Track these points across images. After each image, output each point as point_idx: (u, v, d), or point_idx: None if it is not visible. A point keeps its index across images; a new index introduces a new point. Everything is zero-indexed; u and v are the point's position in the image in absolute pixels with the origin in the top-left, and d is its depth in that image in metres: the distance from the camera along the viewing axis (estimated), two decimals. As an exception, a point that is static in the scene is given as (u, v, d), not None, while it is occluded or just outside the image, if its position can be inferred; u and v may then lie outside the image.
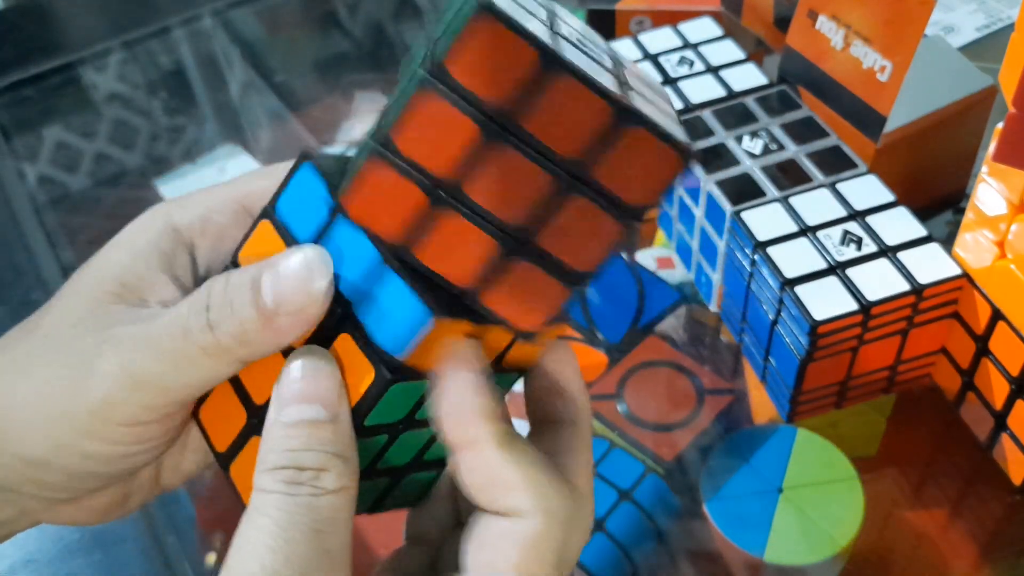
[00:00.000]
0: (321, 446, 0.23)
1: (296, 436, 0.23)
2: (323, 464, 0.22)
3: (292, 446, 0.22)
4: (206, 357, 0.24)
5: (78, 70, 0.74)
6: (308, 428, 0.23)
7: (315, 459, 0.22)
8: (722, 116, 0.47)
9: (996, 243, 0.39)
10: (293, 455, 0.22)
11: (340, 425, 0.23)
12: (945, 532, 0.41)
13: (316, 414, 0.23)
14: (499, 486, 0.23)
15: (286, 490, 0.22)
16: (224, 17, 0.78)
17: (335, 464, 0.23)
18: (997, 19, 0.66)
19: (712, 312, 0.48)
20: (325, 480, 0.22)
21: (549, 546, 0.23)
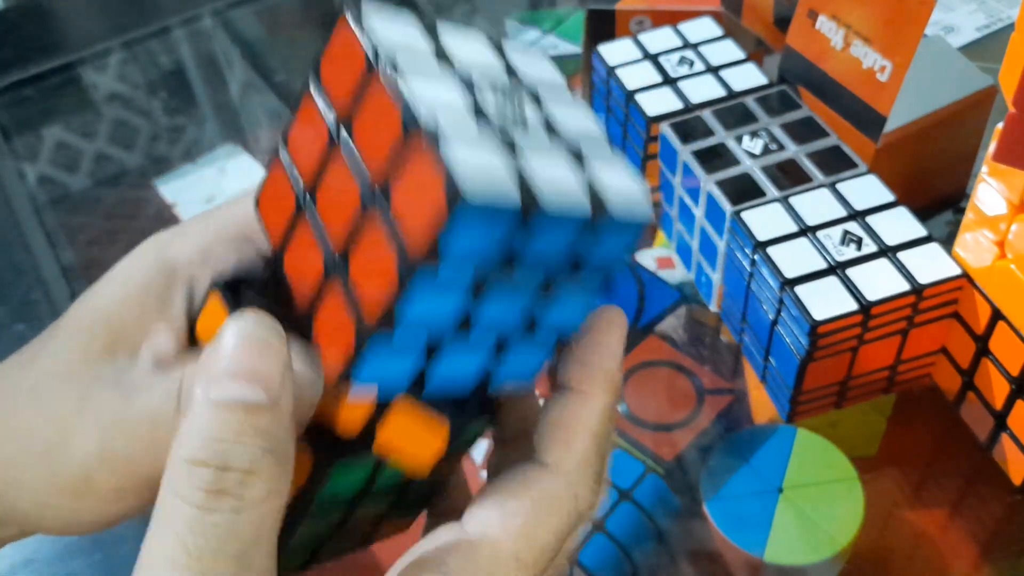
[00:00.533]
0: (254, 439, 0.19)
1: (227, 421, 0.19)
2: (253, 464, 0.19)
3: (220, 434, 0.19)
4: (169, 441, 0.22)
5: (78, 70, 0.74)
6: (242, 413, 0.19)
7: (245, 456, 0.19)
8: (722, 116, 0.47)
9: (996, 243, 0.39)
10: (219, 447, 0.19)
11: (279, 414, 0.20)
12: (945, 532, 0.41)
13: (254, 395, 0.19)
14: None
15: (203, 502, 0.19)
16: (224, 17, 0.78)
17: (267, 465, 0.19)
18: (997, 19, 0.66)
19: (712, 312, 0.48)
20: (253, 488, 0.19)
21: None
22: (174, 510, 0.19)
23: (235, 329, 0.20)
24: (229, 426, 0.19)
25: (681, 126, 0.47)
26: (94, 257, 0.59)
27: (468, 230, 0.18)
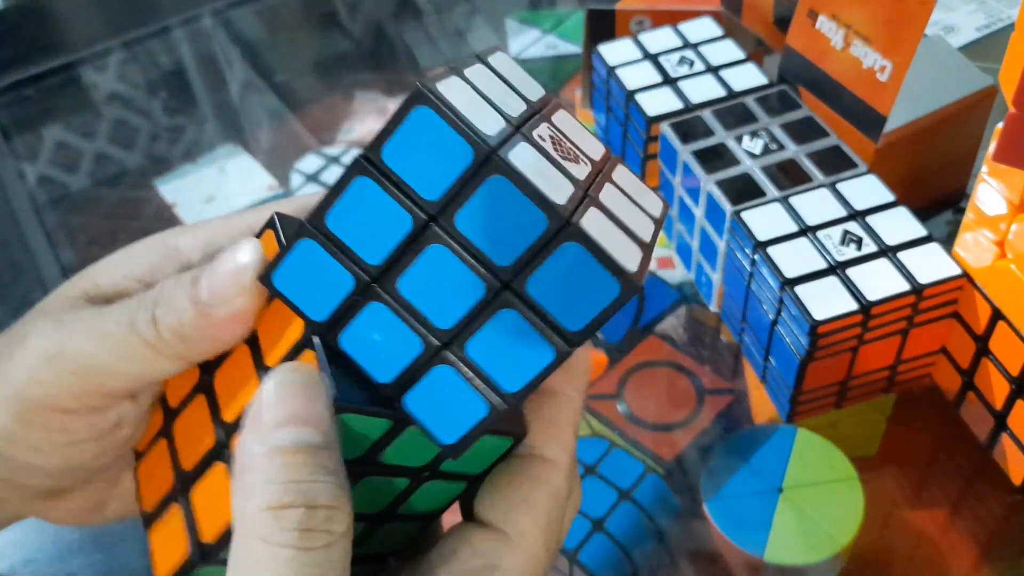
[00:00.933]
0: (328, 476, 0.19)
1: (300, 464, 0.19)
2: (335, 500, 0.19)
3: (299, 476, 0.19)
4: (148, 350, 0.23)
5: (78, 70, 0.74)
6: (310, 455, 0.20)
7: (327, 493, 0.19)
8: (722, 116, 0.47)
9: (996, 243, 0.39)
10: (302, 488, 0.19)
11: (336, 452, 0.20)
12: (945, 532, 0.41)
13: (312, 438, 0.20)
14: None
15: (300, 542, 0.19)
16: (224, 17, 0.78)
17: (343, 499, 0.20)
18: (997, 19, 0.66)
19: (712, 312, 0.48)
20: (338, 521, 0.19)
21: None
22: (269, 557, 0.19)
23: (276, 379, 0.21)
24: (303, 468, 0.19)
25: (681, 126, 0.47)
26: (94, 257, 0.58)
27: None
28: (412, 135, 0.20)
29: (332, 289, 0.22)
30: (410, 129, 0.20)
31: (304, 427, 0.20)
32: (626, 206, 0.22)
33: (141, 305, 0.24)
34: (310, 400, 0.20)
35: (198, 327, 0.23)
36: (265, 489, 0.19)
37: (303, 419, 0.20)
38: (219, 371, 0.25)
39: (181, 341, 0.23)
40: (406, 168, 0.20)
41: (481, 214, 0.20)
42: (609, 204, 0.22)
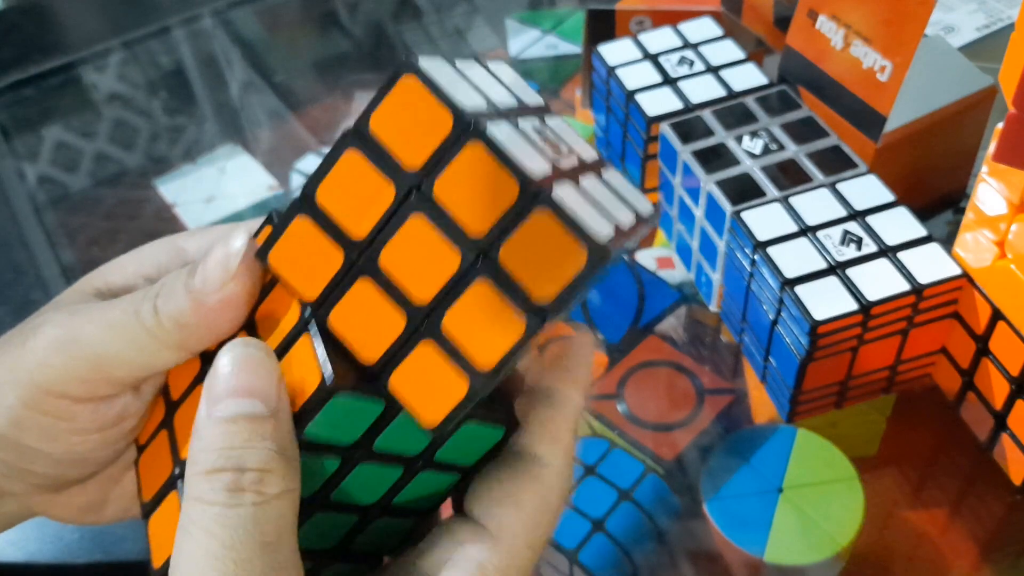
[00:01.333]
0: (263, 443, 0.21)
1: (235, 432, 0.21)
2: (266, 463, 0.21)
3: (232, 443, 0.21)
4: (151, 338, 0.24)
5: (78, 70, 0.74)
6: (247, 423, 0.21)
7: (258, 458, 0.21)
8: (722, 116, 0.47)
9: (996, 243, 0.39)
10: (233, 453, 0.21)
11: (281, 421, 0.21)
12: (945, 532, 0.41)
13: (254, 408, 0.21)
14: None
15: (228, 500, 0.20)
16: (224, 17, 0.78)
17: (278, 464, 0.21)
18: (997, 19, 0.66)
19: (712, 312, 0.48)
20: (269, 483, 0.21)
21: None
22: (201, 514, 0.21)
23: (228, 354, 0.22)
24: (238, 436, 0.21)
25: (681, 126, 0.47)
26: (94, 257, 0.59)
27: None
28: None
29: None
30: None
31: (246, 398, 0.21)
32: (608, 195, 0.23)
33: (145, 296, 0.24)
34: (254, 373, 0.22)
35: (194, 314, 0.24)
36: (203, 456, 0.21)
37: (246, 391, 0.21)
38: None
39: (179, 329, 0.24)
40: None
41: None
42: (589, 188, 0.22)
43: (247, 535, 0.20)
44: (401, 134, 0.21)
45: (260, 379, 0.22)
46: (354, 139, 0.21)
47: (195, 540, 0.20)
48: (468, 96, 0.21)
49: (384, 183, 0.21)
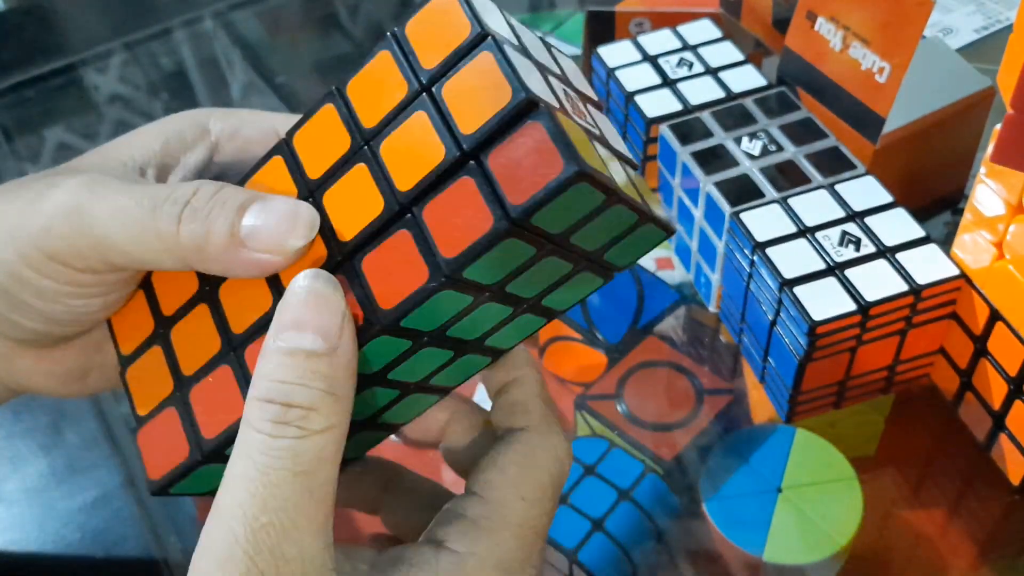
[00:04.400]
0: (314, 382, 0.22)
1: (290, 366, 0.22)
2: (313, 403, 0.22)
3: (285, 377, 0.22)
4: (158, 241, 0.24)
5: (79, 71, 0.74)
6: (304, 359, 0.22)
7: (306, 396, 0.22)
8: (721, 117, 0.47)
9: (994, 244, 0.39)
10: (284, 388, 0.22)
11: (338, 359, 0.22)
12: (944, 532, 0.41)
13: (314, 344, 0.22)
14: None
15: (271, 431, 0.22)
16: (225, 18, 0.78)
17: (325, 403, 0.22)
18: (995, 20, 0.66)
19: (711, 312, 0.48)
20: (313, 421, 0.22)
21: None
22: (248, 438, 0.22)
23: (299, 283, 0.23)
24: (292, 371, 0.22)
25: (680, 127, 0.47)
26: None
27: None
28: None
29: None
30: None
31: (308, 332, 0.22)
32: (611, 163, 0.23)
33: (169, 198, 0.24)
34: (323, 309, 0.22)
35: (224, 253, 0.24)
36: (260, 383, 0.22)
37: (309, 325, 0.22)
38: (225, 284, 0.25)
39: (198, 253, 0.24)
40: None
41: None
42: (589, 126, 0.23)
43: (282, 465, 0.22)
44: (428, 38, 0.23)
45: (325, 315, 0.22)
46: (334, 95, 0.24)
47: (237, 464, 0.22)
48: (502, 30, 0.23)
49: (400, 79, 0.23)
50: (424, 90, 0.22)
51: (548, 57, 0.25)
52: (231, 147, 0.29)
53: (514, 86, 0.21)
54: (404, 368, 0.25)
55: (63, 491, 0.46)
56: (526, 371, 0.28)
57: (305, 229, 0.23)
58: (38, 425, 0.49)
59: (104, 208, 0.24)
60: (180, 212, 0.24)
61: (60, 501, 0.46)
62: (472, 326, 0.24)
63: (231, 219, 0.23)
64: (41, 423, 0.49)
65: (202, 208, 0.24)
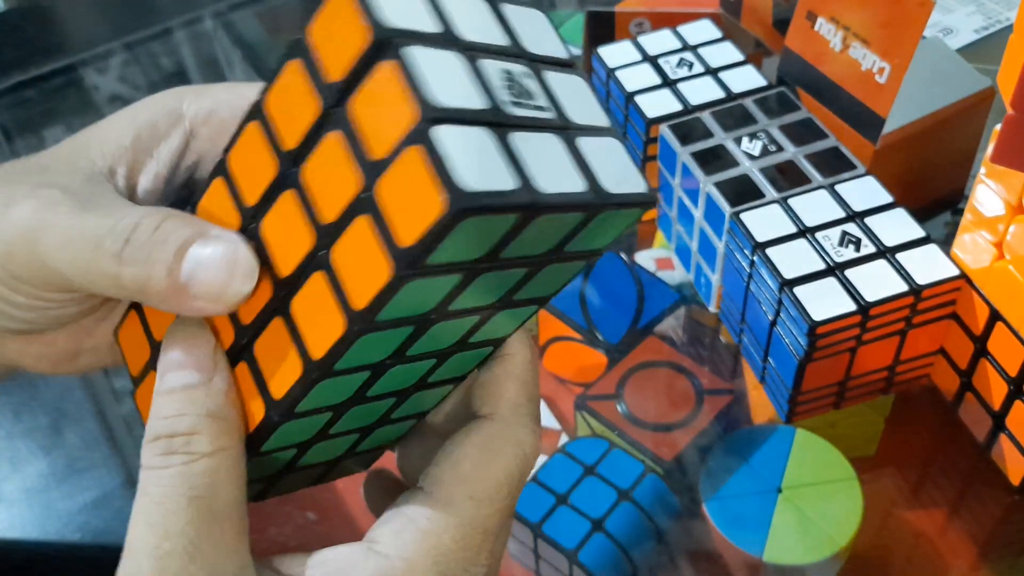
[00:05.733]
0: (193, 409, 0.23)
1: (171, 402, 0.23)
2: (194, 427, 0.23)
3: (167, 413, 0.23)
4: (103, 279, 0.24)
5: (79, 71, 0.74)
6: (182, 393, 0.23)
7: (187, 423, 0.23)
8: (721, 118, 0.47)
9: (994, 244, 0.39)
10: (167, 422, 0.23)
11: (214, 386, 0.23)
12: (944, 532, 0.41)
13: (190, 379, 0.23)
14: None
15: (161, 463, 0.22)
16: (225, 19, 0.78)
17: (207, 425, 0.23)
18: (995, 21, 0.66)
19: (711, 313, 0.48)
20: (197, 444, 0.22)
21: None
22: (143, 478, 0.23)
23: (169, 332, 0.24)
24: (171, 406, 0.23)
25: (680, 127, 0.47)
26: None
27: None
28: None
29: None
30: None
31: (183, 370, 0.23)
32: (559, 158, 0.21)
33: (111, 234, 0.23)
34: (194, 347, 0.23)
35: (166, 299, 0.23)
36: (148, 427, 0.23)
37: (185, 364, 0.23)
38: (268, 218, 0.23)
39: (140, 292, 0.23)
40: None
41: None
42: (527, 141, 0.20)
43: (175, 490, 0.22)
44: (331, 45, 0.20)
45: (195, 351, 0.23)
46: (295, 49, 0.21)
47: (137, 501, 0.23)
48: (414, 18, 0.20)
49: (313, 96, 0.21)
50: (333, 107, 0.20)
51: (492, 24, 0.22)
52: (206, 131, 0.28)
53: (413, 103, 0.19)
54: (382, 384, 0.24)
55: (63, 491, 0.46)
56: (513, 349, 0.26)
57: (244, 278, 0.22)
58: (38, 425, 0.49)
59: (53, 240, 0.24)
60: (120, 251, 0.23)
61: (60, 501, 0.46)
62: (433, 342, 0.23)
63: (169, 263, 0.23)
64: (41, 423, 0.49)
65: (142, 247, 0.23)
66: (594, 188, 0.21)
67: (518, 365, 0.26)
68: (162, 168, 0.27)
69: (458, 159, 0.18)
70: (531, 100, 0.21)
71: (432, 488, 0.24)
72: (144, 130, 0.27)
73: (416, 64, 0.19)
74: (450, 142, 0.18)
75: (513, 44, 0.22)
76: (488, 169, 0.19)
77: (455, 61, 0.20)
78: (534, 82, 0.21)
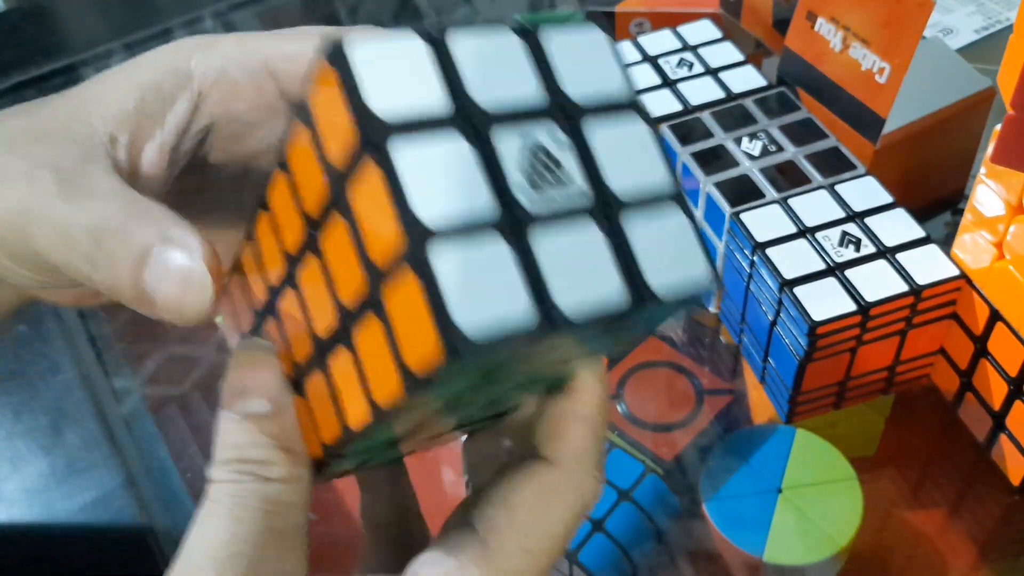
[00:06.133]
0: (266, 441, 0.23)
1: (242, 431, 0.23)
2: (267, 458, 0.23)
3: (239, 441, 0.23)
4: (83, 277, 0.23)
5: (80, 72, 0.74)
6: (253, 423, 0.23)
7: (260, 454, 0.23)
8: (721, 118, 0.47)
9: (994, 244, 0.39)
10: (240, 450, 0.23)
11: (283, 416, 0.23)
12: (944, 532, 0.41)
13: (259, 408, 0.23)
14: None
15: (235, 478, 0.22)
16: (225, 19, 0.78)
17: (279, 457, 0.23)
18: (995, 21, 0.66)
19: (711, 313, 0.48)
20: (273, 471, 0.23)
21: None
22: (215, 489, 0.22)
23: (237, 354, 0.23)
24: (243, 435, 0.23)
25: (680, 128, 0.47)
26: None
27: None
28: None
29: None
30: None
31: (252, 398, 0.23)
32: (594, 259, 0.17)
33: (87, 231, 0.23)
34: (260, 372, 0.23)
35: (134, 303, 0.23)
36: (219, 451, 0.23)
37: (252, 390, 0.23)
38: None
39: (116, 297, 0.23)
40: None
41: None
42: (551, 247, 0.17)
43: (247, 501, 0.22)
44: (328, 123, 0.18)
45: (262, 378, 0.23)
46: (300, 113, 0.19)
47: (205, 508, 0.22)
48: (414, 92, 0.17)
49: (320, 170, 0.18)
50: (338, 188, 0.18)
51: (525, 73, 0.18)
52: (216, 94, 0.25)
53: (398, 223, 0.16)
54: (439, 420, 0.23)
55: (63, 491, 0.46)
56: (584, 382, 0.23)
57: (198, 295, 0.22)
58: (38, 425, 0.49)
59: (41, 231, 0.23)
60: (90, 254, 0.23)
61: (60, 501, 0.46)
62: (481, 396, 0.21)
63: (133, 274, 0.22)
64: (41, 423, 0.49)
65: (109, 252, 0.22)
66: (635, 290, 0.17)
67: (587, 404, 0.23)
68: (168, 136, 0.25)
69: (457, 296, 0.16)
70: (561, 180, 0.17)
71: (486, 535, 0.22)
72: (148, 92, 0.25)
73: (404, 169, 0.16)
74: (447, 270, 0.16)
75: (551, 95, 0.18)
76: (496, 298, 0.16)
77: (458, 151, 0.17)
78: (568, 149, 0.18)
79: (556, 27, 0.18)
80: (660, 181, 0.18)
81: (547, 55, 0.18)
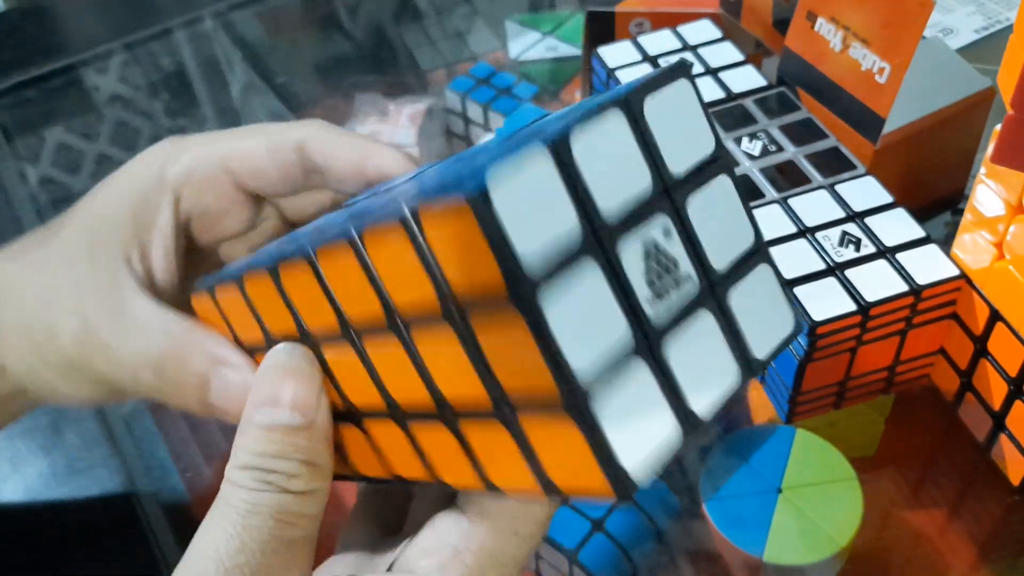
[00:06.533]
0: (294, 455, 0.22)
1: (270, 440, 0.22)
2: (293, 471, 0.22)
3: (265, 450, 0.22)
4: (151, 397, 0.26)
5: (79, 71, 0.74)
6: (282, 434, 0.22)
7: (287, 467, 0.22)
8: (721, 118, 0.47)
9: (994, 244, 0.39)
10: (264, 460, 0.22)
11: (315, 432, 0.23)
12: (944, 532, 0.41)
13: (291, 419, 0.22)
14: None
15: (254, 485, 0.22)
16: (225, 19, 0.78)
17: (305, 471, 0.23)
18: (995, 21, 0.66)
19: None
20: (294, 484, 0.22)
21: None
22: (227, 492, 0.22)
23: (273, 360, 0.23)
24: (272, 445, 0.22)
25: (680, 128, 0.47)
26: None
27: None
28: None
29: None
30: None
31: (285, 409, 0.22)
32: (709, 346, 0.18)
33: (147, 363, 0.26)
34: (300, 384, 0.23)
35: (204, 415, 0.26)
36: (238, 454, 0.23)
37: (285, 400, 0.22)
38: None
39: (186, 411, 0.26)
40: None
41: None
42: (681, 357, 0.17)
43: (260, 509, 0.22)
44: (452, 253, 0.16)
45: (301, 390, 0.23)
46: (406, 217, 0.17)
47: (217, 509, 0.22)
48: (549, 226, 0.16)
49: (429, 284, 0.17)
50: (453, 312, 0.17)
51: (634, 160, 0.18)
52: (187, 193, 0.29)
53: (554, 377, 0.16)
54: None
55: (63, 491, 0.46)
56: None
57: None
58: (38, 425, 0.49)
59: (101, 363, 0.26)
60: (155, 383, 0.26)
61: (60, 501, 0.46)
62: None
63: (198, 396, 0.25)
64: (41, 423, 0.49)
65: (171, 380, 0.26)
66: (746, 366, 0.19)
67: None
68: (166, 240, 0.29)
69: (620, 442, 0.16)
70: (677, 281, 0.18)
71: (477, 520, 0.23)
72: (139, 207, 0.28)
73: (553, 322, 0.16)
74: (608, 415, 0.16)
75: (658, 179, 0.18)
76: (652, 433, 0.17)
77: (595, 285, 0.16)
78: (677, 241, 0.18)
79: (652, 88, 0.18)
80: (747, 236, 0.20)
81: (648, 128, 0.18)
